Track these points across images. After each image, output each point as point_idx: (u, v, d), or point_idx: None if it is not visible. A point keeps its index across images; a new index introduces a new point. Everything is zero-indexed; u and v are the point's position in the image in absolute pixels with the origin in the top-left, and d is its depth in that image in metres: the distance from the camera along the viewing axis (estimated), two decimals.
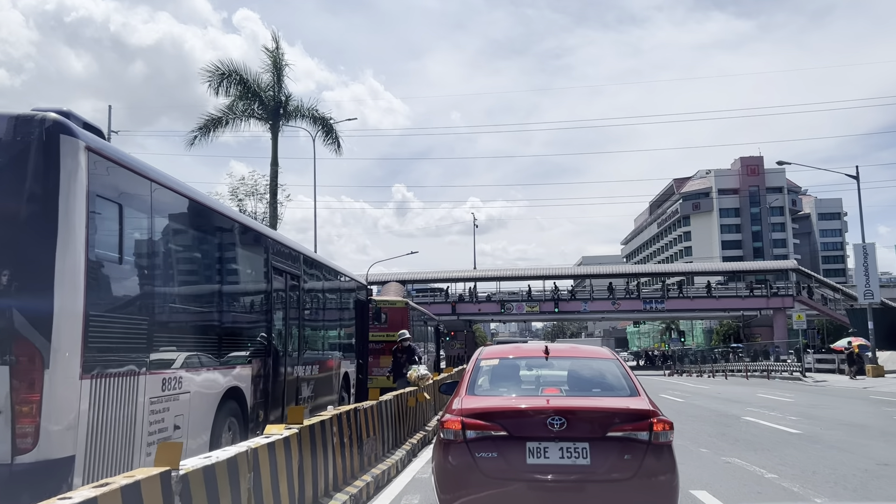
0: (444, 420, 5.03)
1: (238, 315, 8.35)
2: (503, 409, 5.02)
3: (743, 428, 12.91)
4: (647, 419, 4.83)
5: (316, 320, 12.00)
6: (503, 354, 6.28)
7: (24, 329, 4.40)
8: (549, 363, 5.95)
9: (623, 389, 5.40)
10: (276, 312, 9.42)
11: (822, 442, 10.82)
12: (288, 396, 9.76)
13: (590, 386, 5.64)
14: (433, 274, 61.22)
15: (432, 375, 13.29)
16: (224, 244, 7.89)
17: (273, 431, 4.77)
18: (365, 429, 7.28)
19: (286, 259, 9.99)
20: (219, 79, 25.80)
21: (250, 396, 8.16)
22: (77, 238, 4.70)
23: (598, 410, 4.97)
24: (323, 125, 27.78)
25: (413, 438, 9.81)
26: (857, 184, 32.03)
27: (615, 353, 6.29)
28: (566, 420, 4.72)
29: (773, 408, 17.25)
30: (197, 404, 6.65)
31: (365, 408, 7.41)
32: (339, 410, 6.50)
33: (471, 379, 5.63)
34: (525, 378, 5.87)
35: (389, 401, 8.75)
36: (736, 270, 61.08)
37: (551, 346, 6.22)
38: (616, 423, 4.80)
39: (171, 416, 6.09)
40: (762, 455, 9.46)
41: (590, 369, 5.89)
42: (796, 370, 34.60)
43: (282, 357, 9.51)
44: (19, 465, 4.29)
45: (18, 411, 4.33)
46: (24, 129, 4.65)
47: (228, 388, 7.46)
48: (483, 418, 4.86)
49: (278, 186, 27.40)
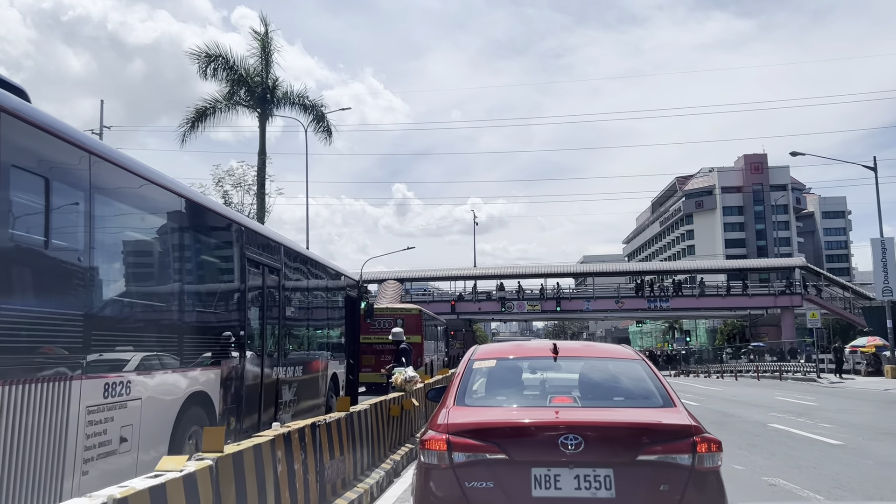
0: (426, 438, 3.98)
1: (204, 311, 7.43)
2: (501, 424, 3.99)
3: (774, 438, 11.43)
4: (689, 437, 3.81)
5: (299, 318, 11.13)
6: (501, 354, 5.15)
7: None
8: (558, 365, 4.83)
9: (653, 398, 4.34)
10: (251, 309, 8.58)
11: (872, 457, 9.37)
12: (266, 401, 8.87)
13: (610, 394, 4.57)
14: (432, 272, 59.69)
15: (423, 377, 11.78)
16: (185, 230, 6.99)
17: (168, 467, 3.26)
18: (328, 449, 5.79)
19: (263, 250, 9.11)
20: (205, 62, 24.55)
21: (219, 402, 7.30)
22: None
23: (625, 426, 3.93)
24: (314, 113, 26.41)
25: (397, 454, 8.33)
26: (875, 176, 30.57)
27: (640, 353, 5.13)
28: (583, 439, 3.72)
29: (799, 413, 15.83)
30: (151, 412, 5.81)
31: (329, 422, 5.92)
32: (288, 428, 5.02)
33: (460, 385, 4.53)
34: (529, 384, 4.80)
35: (365, 411, 7.26)
36: (743, 268, 59.58)
37: (561, 343, 5.02)
38: (648, 442, 3.79)
39: (117, 427, 5.27)
40: (808, 474, 8.07)
41: (610, 373, 4.82)
42: (810, 371, 33.11)
43: (258, 357, 8.69)
44: None
45: None
46: None
47: (192, 393, 6.63)
48: (475, 436, 3.85)
49: (266, 177, 25.97)
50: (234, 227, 8.26)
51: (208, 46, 24.60)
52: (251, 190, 26.44)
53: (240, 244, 8.29)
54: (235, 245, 8.23)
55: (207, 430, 3.95)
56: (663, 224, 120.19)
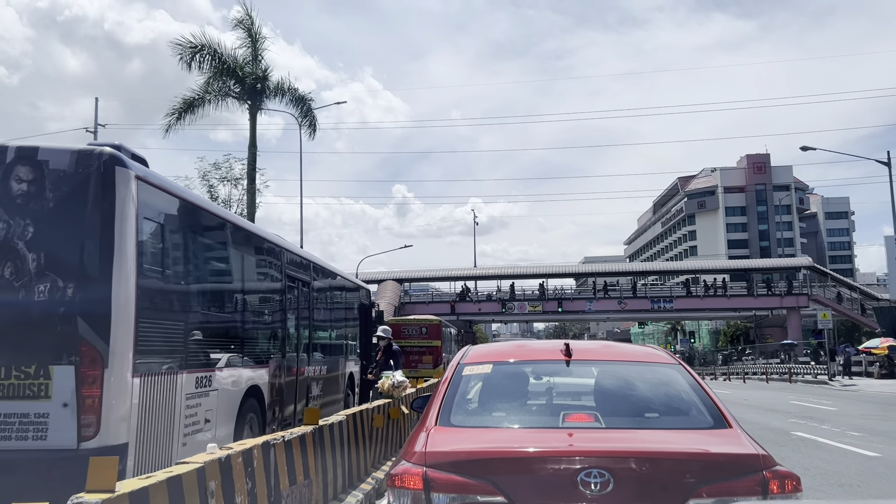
0: (396, 473, 2.99)
1: (257, 319, 8.89)
2: (498, 453, 2.97)
3: (802, 448, 10.37)
4: (758, 472, 2.86)
5: (324, 324, 12.42)
6: (499, 357, 4.11)
7: (87, 334, 4.99)
8: (572, 371, 3.80)
9: (700, 416, 3.34)
10: (289, 317, 9.95)
11: None
12: (300, 395, 10.17)
13: (641, 409, 3.53)
14: (432, 272, 58.68)
15: (413, 382, 10.70)
16: (249, 257, 8.63)
17: None
18: (287, 473, 4.73)
19: (298, 267, 10.61)
20: (191, 53, 23.36)
21: (268, 394, 8.58)
22: (129, 255, 5.27)
23: (669, 457, 2.91)
24: (302, 106, 25.36)
25: (380, 471, 7.25)
26: (889, 171, 29.45)
27: (675, 356, 4.09)
28: (611, 475, 2.77)
29: (821, 419, 14.77)
30: (223, 400, 7.20)
31: (289, 439, 4.85)
32: (229, 450, 3.95)
33: (446, 397, 3.53)
34: (535, 397, 3.80)
35: (340, 423, 6.19)
36: (748, 268, 58.62)
37: (575, 344, 3.96)
38: (701, 480, 2.80)
39: (203, 411, 6.67)
40: (854, 494, 7.08)
41: (639, 382, 3.75)
42: (821, 373, 32.02)
43: (295, 358, 10.00)
44: (83, 451, 4.81)
45: (82, 405, 4.93)
46: (85, 161, 5.24)
47: (249, 387, 8.00)
48: (463, 470, 2.87)
49: (256, 171, 24.88)
50: (280, 251, 9.79)
51: (194, 36, 23.44)
52: (239, 184, 25.34)
53: (281, 262, 9.75)
54: (279, 264, 9.68)
55: (94, 460, 2.91)
56: (665, 225, 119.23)
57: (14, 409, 4.91)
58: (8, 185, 5.18)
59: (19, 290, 5.05)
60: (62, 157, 5.26)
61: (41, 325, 5.03)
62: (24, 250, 5.10)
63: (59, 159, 5.25)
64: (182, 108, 23.62)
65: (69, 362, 4.96)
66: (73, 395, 4.93)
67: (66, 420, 4.90)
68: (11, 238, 5.11)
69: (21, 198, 5.18)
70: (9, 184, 5.18)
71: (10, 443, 4.86)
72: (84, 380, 4.95)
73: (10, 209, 5.16)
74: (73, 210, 5.19)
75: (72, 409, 4.92)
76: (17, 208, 5.16)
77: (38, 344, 5.01)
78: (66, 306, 5.03)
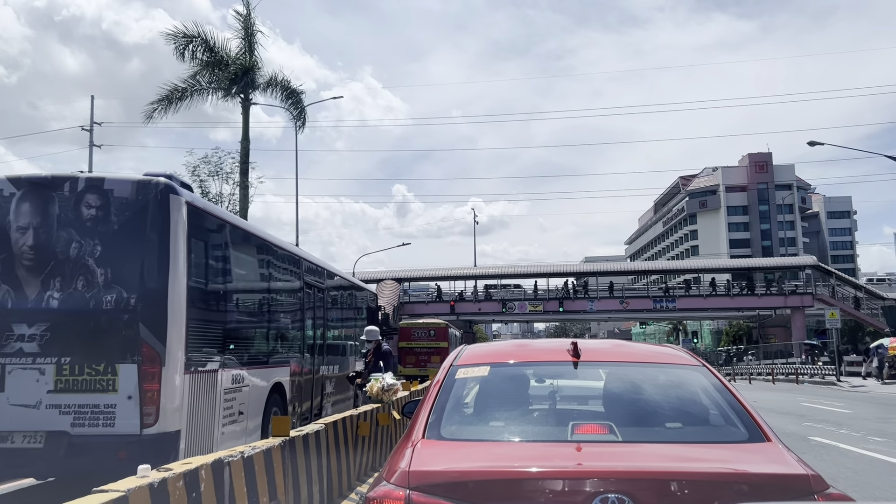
0: (374, 496, 2.53)
1: (282, 324, 9.69)
2: (495, 473, 2.53)
3: (825, 456, 9.66)
4: (808, 496, 2.40)
5: (336, 326, 13.26)
6: (497, 358, 3.62)
7: (147, 337, 5.87)
8: (580, 374, 3.32)
9: (733, 427, 2.89)
10: (306, 319, 10.81)
11: None
12: (315, 392, 11.05)
13: (662, 419, 3.03)
14: (431, 271, 57.82)
15: (406, 385, 9.95)
16: (275, 267, 9.44)
17: None
18: (248, 495, 3.99)
19: (315, 275, 11.57)
20: (183, 43, 22.66)
21: (289, 390, 9.47)
22: (181, 269, 6.14)
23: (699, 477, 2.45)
24: (294, 99, 24.65)
25: (365, 485, 6.53)
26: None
27: (699, 358, 3.57)
28: (632, 501, 2.33)
29: (837, 422, 14.07)
30: (253, 395, 8.05)
31: (250, 455, 4.12)
32: (169, 471, 3.23)
33: (435, 406, 3.05)
34: (538, 403, 3.37)
35: (317, 433, 5.46)
36: (752, 267, 57.83)
37: (583, 343, 3.47)
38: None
39: (238, 404, 7.47)
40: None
41: (659, 387, 3.24)
42: (829, 374, 31.26)
43: (311, 358, 10.89)
44: (145, 436, 5.73)
45: (144, 397, 5.78)
46: (144, 190, 6.13)
47: (274, 384, 8.86)
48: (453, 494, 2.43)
49: (249, 165, 24.14)
50: (299, 260, 10.69)
51: (186, 27, 22.78)
52: (229, 178, 24.59)
53: (300, 271, 10.62)
54: (298, 272, 10.57)
55: None
56: (666, 224, 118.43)
57: (87, 400, 5.79)
58: (79, 209, 6.10)
59: (90, 299, 5.93)
60: (124, 186, 6.18)
61: (108, 329, 5.91)
62: (93, 266, 6.00)
63: (121, 188, 6.17)
64: (170, 97, 22.85)
65: (132, 361, 5.84)
66: (136, 389, 5.79)
67: (130, 410, 5.78)
68: (83, 255, 6.01)
69: (90, 221, 6.08)
70: (80, 209, 6.10)
71: (84, 429, 5.75)
72: (145, 376, 5.81)
73: (82, 230, 6.06)
74: (134, 231, 6.08)
75: (135, 401, 5.79)
76: (87, 230, 6.06)
77: (106, 345, 5.88)
78: (129, 313, 5.91)
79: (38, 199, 6.10)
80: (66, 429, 5.72)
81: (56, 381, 5.80)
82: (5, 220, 6.08)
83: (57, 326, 5.88)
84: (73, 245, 6.00)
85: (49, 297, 5.95)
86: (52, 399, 5.77)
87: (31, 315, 5.89)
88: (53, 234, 6.04)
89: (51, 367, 5.81)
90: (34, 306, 5.92)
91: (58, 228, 6.05)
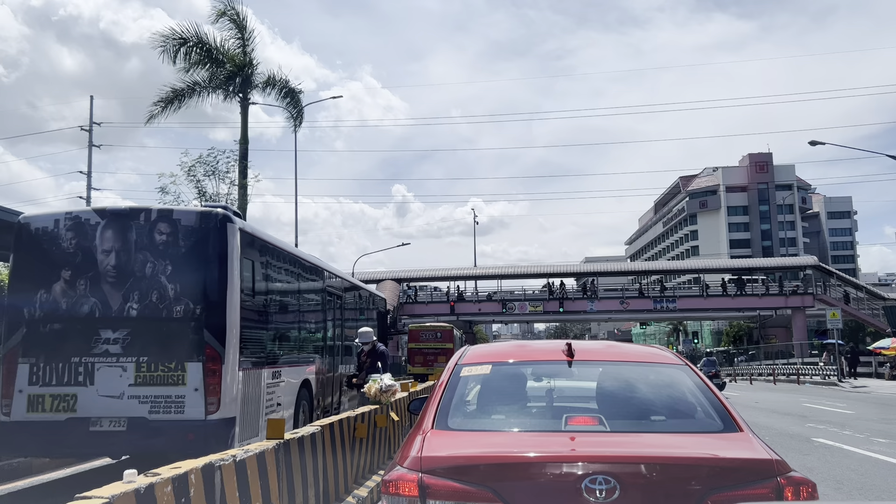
0: (390, 479, 2.88)
1: (310, 328, 11.08)
2: (498, 458, 2.89)
3: (829, 457, 9.56)
4: (771, 478, 2.73)
5: (353, 329, 14.11)
6: (498, 357, 4.00)
7: (210, 340, 7.11)
8: (574, 372, 3.72)
9: (710, 419, 3.26)
10: (327, 323, 12.14)
11: None
12: (335, 388, 12.37)
13: (647, 412, 3.44)
14: (431, 272, 57.54)
15: (405, 386, 9.83)
16: (305, 280, 10.90)
17: None
18: (239, 499, 3.88)
19: (336, 284, 13.06)
20: (176, 45, 22.40)
21: (315, 386, 10.80)
22: (236, 285, 7.41)
23: (678, 462, 2.81)
24: (292, 98, 24.52)
25: (363, 488, 6.41)
26: None
27: (682, 357, 3.99)
28: (617, 482, 2.67)
29: (840, 423, 13.99)
30: (287, 390, 9.37)
31: (242, 458, 4.00)
32: (157, 476, 3.11)
33: (443, 399, 3.43)
34: (536, 398, 3.74)
35: (312, 436, 5.34)
36: (753, 267, 57.55)
37: (577, 344, 3.87)
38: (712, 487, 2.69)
39: (276, 397, 8.79)
40: None
41: (645, 383, 3.65)
42: (830, 374, 31.14)
43: (332, 358, 12.24)
44: (209, 421, 6.93)
45: (208, 389, 6.99)
46: (206, 219, 7.42)
47: (303, 380, 10.12)
48: (461, 476, 2.77)
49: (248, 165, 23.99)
50: (322, 271, 11.99)
51: (179, 29, 22.50)
52: (226, 178, 24.43)
53: (323, 280, 12.00)
54: (322, 282, 11.95)
55: None
56: (666, 224, 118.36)
57: (162, 392, 7.00)
58: (152, 235, 7.31)
59: (162, 309, 7.16)
60: (190, 216, 7.47)
61: (178, 334, 7.14)
62: (164, 282, 7.22)
63: (187, 218, 7.44)
64: (170, 98, 22.77)
65: (198, 360, 7.07)
66: (201, 383, 7.00)
67: (196, 400, 6.97)
68: (156, 273, 7.23)
69: (162, 245, 7.30)
70: (153, 235, 7.31)
71: (160, 415, 6.95)
72: (208, 372, 7.01)
73: (155, 253, 7.28)
74: (198, 253, 7.32)
75: (200, 393, 6.98)
76: (159, 252, 7.28)
77: (176, 347, 7.10)
78: (194, 321, 7.16)
79: (119, 227, 7.32)
80: (144, 415, 6.95)
81: (136, 377, 7.03)
82: (92, 244, 7.31)
83: (136, 332, 7.12)
84: (148, 265, 7.24)
85: (129, 308, 7.18)
86: (133, 391, 7.01)
87: (114, 323, 7.15)
88: (132, 256, 7.27)
89: (131, 365, 7.05)
90: (117, 315, 7.17)
91: (135, 251, 7.28)
